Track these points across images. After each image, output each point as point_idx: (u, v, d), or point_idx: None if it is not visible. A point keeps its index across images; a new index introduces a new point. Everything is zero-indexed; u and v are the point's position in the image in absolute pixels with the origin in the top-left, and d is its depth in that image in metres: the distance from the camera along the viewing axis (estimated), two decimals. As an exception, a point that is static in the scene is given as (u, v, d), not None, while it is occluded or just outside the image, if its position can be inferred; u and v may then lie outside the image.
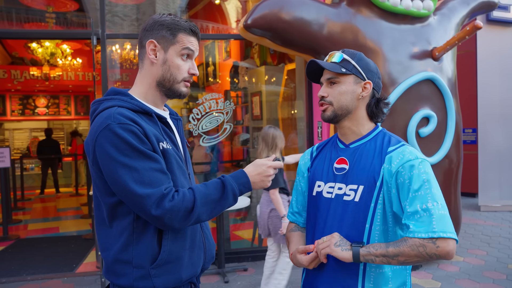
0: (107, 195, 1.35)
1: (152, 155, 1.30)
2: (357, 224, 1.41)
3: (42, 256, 5.22)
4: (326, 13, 4.08)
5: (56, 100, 13.29)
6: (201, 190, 1.35)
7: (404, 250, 1.28)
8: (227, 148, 7.05)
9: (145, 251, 1.34)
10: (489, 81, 7.50)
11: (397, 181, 1.36)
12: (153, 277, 1.35)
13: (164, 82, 1.43)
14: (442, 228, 1.26)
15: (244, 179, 1.41)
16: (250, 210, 6.32)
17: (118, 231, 1.36)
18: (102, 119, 1.31)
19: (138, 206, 1.28)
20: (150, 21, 1.44)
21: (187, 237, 1.42)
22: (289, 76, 6.09)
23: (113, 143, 1.27)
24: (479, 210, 7.38)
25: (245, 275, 4.42)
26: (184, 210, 1.30)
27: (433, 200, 1.30)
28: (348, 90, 1.48)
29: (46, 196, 10.09)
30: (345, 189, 1.46)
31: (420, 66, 4.30)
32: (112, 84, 5.89)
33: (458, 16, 4.78)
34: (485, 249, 5.16)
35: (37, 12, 7.21)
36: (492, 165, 7.47)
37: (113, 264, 1.37)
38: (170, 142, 1.43)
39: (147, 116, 1.40)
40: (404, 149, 1.41)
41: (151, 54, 1.42)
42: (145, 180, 1.27)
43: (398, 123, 4.19)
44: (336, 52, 1.52)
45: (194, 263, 1.45)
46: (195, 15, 7.40)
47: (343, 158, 1.51)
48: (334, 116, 1.50)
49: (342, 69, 1.47)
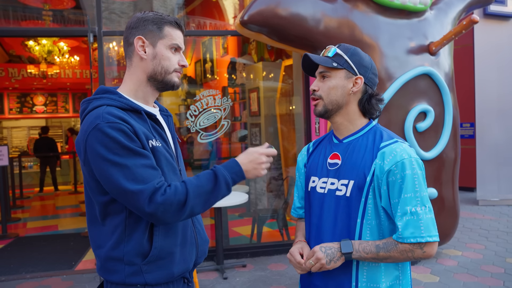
0: (99, 194, 1.36)
1: (142, 152, 1.31)
2: (349, 219, 1.43)
3: (41, 254, 5.22)
4: (323, 9, 4.07)
5: (54, 98, 13.29)
6: (193, 182, 1.35)
7: (393, 255, 1.36)
8: (225, 144, 7.05)
9: (136, 248, 1.35)
10: (486, 76, 7.50)
11: (388, 179, 1.37)
12: (145, 273, 1.36)
13: (156, 75, 1.45)
14: (429, 233, 1.34)
15: (236, 168, 1.41)
16: (248, 206, 6.34)
17: (110, 229, 1.37)
18: (91, 119, 1.32)
19: (131, 202, 1.29)
20: (134, 19, 1.46)
21: (178, 233, 1.43)
22: (287, 72, 6.09)
23: (103, 143, 1.28)
24: (477, 204, 7.40)
25: (244, 271, 4.43)
26: (177, 203, 1.30)
27: (422, 204, 1.35)
28: (339, 84, 1.47)
29: (45, 194, 10.09)
30: (337, 184, 1.46)
31: (417, 61, 4.30)
32: (110, 81, 5.87)
33: (455, 11, 4.77)
34: (483, 243, 5.18)
35: (34, 10, 7.20)
36: (490, 159, 7.48)
37: (105, 261, 1.38)
38: (160, 139, 1.44)
39: (136, 114, 1.41)
40: (397, 146, 1.40)
41: (140, 50, 1.43)
42: (137, 176, 1.27)
43: (395, 118, 4.19)
44: (332, 46, 1.51)
45: (186, 259, 1.46)
46: (192, 11, 7.39)
47: (336, 153, 1.51)
48: (325, 111, 1.49)
49: (334, 63, 1.46)
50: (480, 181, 7.48)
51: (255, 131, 6.45)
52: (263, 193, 6.31)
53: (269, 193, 6.29)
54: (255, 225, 5.15)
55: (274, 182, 6.28)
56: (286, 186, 5.80)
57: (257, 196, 6.43)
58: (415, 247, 1.34)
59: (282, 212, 5.16)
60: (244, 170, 1.41)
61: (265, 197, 6.27)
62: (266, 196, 6.26)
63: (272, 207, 5.80)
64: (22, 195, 9.63)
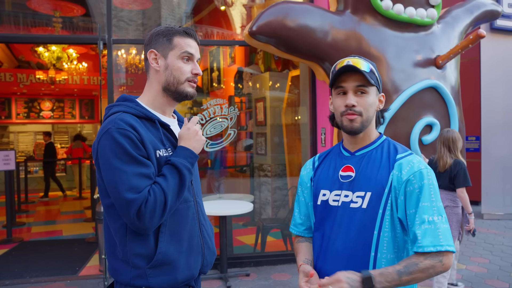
0: (104, 196, 1.43)
1: (143, 160, 1.38)
2: (364, 231, 1.41)
3: (45, 258, 5.24)
4: (331, 21, 4.11)
5: (61, 104, 13.37)
6: (163, 180, 1.40)
7: (416, 276, 1.31)
8: (231, 153, 7.07)
9: (140, 251, 1.40)
10: (492, 89, 7.51)
11: (406, 189, 1.38)
12: (149, 277, 1.41)
13: (169, 86, 1.51)
14: (447, 242, 1.32)
15: (186, 152, 1.48)
16: (253, 216, 6.34)
17: (114, 231, 1.44)
18: (105, 123, 1.41)
19: (122, 209, 1.36)
20: (148, 36, 1.55)
21: (184, 240, 1.47)
22: (293, 82, 6.12)
23: (110, 147, 1.36)
24: (482, 218, 7.36)
25: (248, 280, 4.43)
26: (159, 205, 1.36)
27: (438, 213, 1.35)
28: (374, 102, 1.47)
29: (50, 199, 10.13)
30: (352, 196, 1.45)
31: (424, 74, 4.32)
32: (117, 88, 5.93)
33: (462, 25, 4.80)
34: (488, 257, 5.15)
35: (43, 17, 7.29)
36: (496, 173, 7.45)
37: (113, 261, 1.46)
38: (172, 148, 1.51)
39: (150, 122, 1.48)
40: (413, 158, 1.43)
41: (153, 63, 1.51)
42: (132, 183, 1.34)
43: (401, 130, 4.20)
44: (360, 59, 1.45)
45: (191, 266, 1.49)
46: (200, 21, 7.46)
47: (349, 166, 1.50)
48: (362, 128, 1.46)
49: (371, 80, 1.43)
50: (485, 194, 7.45)
51: (261, 141, 6.47)
52: (268, 202, 6.31)
53: (274, 202, 6.29)
54: (259, 234, 5.15)
55: (279, 191, 6.28)
56: (290, 196, 5.81)
57: (261, 206, 6.43)
58: (434, 261, 1.31)
59: (287, 222, 5.16)
60: (192, 149, 1.49)
61: (269, 207, 6.27)
62: (270, 205, 6.26)
63: (277, 216, 5.80)
64: (27, 199, 9.67)
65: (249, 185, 6.79)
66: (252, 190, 6.60)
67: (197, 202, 1.57)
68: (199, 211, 1.57)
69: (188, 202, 1.51)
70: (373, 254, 1.39)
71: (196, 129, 1.53)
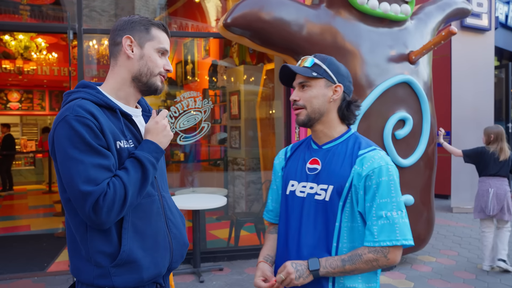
0: (62, 190, 1.35)
1: (102, 151, 1.29)
2: (327, 222, 1.47)
3: (12, 255, 5.07)
4: (306, 14, 4.09)
5: (30, 95, 12.96)
6: (125, 174, 1.32)
7: (359, 266, 1.41)
8: (205, 147, 7.01)
9: (103, 249, 1.33)
10: (462, 86, 7.68)
11: (366, 184, 1.43)
12: (113, 276, 1.33)
13: (141, 76, 1.45)
14: (404, 236, 1.40)
15: (152, 146, 1.41)
16: (226, 210, 6.31)
17: (74, 227, 1.36)
18: (62, 110, 1.32)
19: (77, 202, 1.27)
20: (120, 21, 1.47)
21: (148, 237, 1.40)
22: (268, 76, 6.10)
23: (67, 135, 1.27)
24: (451, 212, 7.55)
25: (221, 275, 4.40)
26: (119, 200, 1.28)
27: (397, 209, 1.41)
28: (320, 93, 1.52)
29: (16, 193, 9.83)
30: (316, 188, 1.51)
31: (397, 69, 4.36)
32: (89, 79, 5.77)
33: (434, 21, 4.87)
34: (457, 249, 5.28)
35: (10, 4, 7.02)
36: (464, 167, 7.60)
37: (75, 260, 1.38)
38: (134, 140, 1.43)
39: (111, 112, 1.40)
40: (375, 154, 1.47)
41: (128, 49, 1.43)
42: (90, 175, 1.25)
43: (374, 125, 4.24)
44: (308, 56, 1.57)
45: (158, 264, 1.42)
46: (175, 12, 7.34)
47: (315, 159, 1.56)
48: (308, 120, 1.54)
49: (313, 73, 1.51)
50: (455, 189, 7.64)
51: (235, 134, 6.44)
52: (242, 196, 6.29)
53: (248, 196, 6.28)
54: (232, 228, 5.12)
55: (253, 185, 6.27)
56: (264, 190, 5.80)
57: (235, 200, 6.41)
58: (379, 255, 1.39)
59: (260, 216, 5.15)
60: (158, 143, 1.43)
61: (243, 201, 6.25)
62: (244, 199, 6.24)
63: (250, 210, 5.79)
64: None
65: (223, 179, 6.75)
66: (226, 184, 6.56)
67: (162, 196, 1.49)
68: (165, 205, 1.50)
69: (152, 197, 1.44)
70: (335, 244, 1.47)
71: (165, 123, 1.46)
